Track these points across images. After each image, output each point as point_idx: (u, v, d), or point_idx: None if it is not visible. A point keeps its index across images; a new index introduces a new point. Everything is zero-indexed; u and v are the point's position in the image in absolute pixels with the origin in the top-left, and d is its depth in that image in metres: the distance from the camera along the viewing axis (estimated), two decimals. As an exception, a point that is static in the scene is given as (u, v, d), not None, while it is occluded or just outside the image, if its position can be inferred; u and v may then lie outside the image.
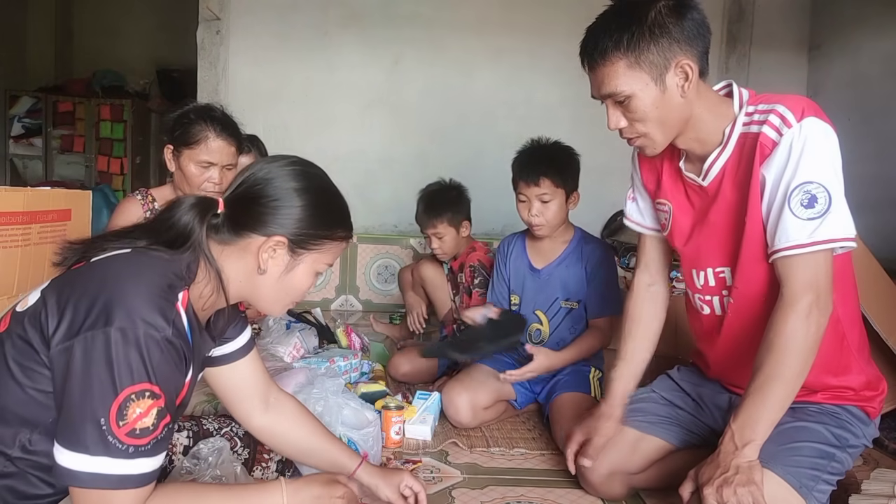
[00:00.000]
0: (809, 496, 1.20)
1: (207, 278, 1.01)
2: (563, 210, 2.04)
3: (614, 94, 1.26)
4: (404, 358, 2.40)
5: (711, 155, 1.31)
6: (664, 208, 1.48)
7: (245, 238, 1.02)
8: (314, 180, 1.07)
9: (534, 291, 2.14)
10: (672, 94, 1.24)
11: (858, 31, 3.45)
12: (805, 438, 1.26)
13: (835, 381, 1.34)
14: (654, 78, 1.22)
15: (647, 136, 1.29)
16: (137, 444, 0.87)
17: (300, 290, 1.09)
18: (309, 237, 1.04)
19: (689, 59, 1.22)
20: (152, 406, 0.88)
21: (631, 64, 1.22)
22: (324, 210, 1.07)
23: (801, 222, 1.17)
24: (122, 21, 6.05)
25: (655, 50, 1.21)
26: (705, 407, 1.54)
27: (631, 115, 1.27)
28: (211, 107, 1.87)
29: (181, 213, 1.00)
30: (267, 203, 1.01)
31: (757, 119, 1.25)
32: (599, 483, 1.53)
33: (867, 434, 1.36)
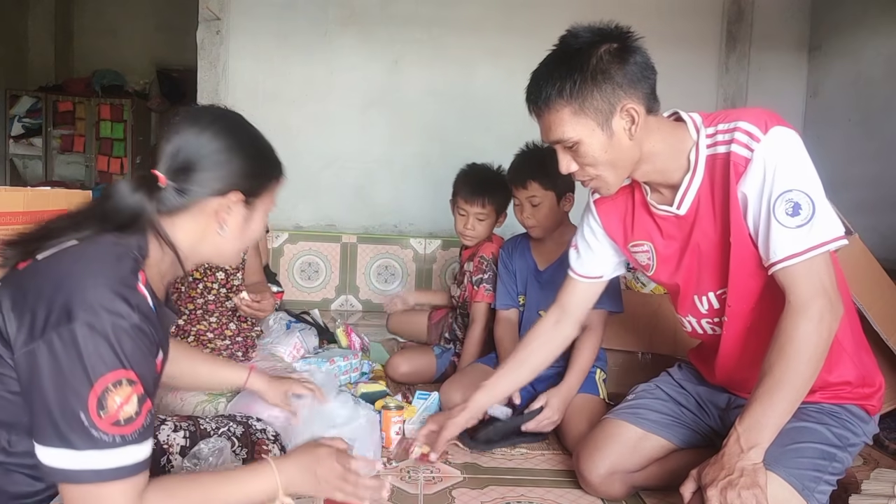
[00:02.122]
0: (811, 498, 1.20)
1: (161, 253, 1.01)
2: (555, 211, 2.05)
3: (562, 141, 1.26)
4: (403, 358, 2.40)
5: (683, 182, 1.31)
6: (643, 249, 1.47)
7: (198, 203, 1.01)
8: (244, 131, 1.10)
9: (538, 293, 2.14)
10: (619, 138, 1.24)
11: (858, 32, 3.45)
12: (807, 439, 1.26)
13: (830, 377, 1.34)
14: (599, 124, 1.23)
15: (598, 178, 1.30)
16: (124, 433, 0.86)
17: (258, 234, 1.13)
18: (258, 186, 1.07)
19: (633, 103, 1.23)
20: (132, 393, 0.87)
21: (576, 111, 1.23)
22: (263, 157, 1.11)
23: (791, 231, 1.18)
24: (122, 21, 6.06)
25: (599, 96, 1.21)
26: (705, 406, 1.54)
27: (581, 159, 1.28)
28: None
29: (124, 196, 0.98)
30: (214, 167, 1.01)
31: (721, 139, 1.25)
32: (599, 483, 1.53)
33: (867, 432, 1.36)
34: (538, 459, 1.80)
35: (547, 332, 1.64)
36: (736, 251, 1.28)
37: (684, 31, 3.71)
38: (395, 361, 2.38)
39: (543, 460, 1.80)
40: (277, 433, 1.47)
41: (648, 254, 1.45)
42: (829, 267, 1.20)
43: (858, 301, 1.79)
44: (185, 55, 4.88)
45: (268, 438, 1.43)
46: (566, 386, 1.89)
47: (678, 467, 1.53)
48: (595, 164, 1.27)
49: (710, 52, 3.78)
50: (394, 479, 1.64)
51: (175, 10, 5.66)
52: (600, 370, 2.08)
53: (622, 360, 2.33)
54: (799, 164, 1.19)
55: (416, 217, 3.66)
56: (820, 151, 3.64)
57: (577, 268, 1.61)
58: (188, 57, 4.15)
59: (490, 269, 2.33)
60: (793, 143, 1.19)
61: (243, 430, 1.40)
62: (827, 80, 3.69)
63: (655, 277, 1.49)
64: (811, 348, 1.17)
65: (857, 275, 1.83)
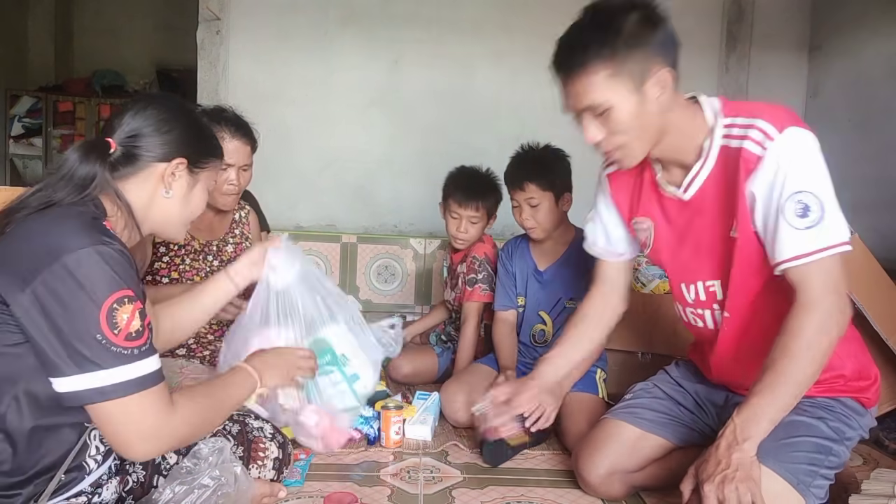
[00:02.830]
0: (807, 492, 1.20)
1: (117, 213, 1.08)
2: (553, 212, 2.05)
3: (593, 107, 1.24)
4: (404, 359, 2.40)
5: (693, 168, 1.31)
6: (643, 226, 1.47)
7: (147, 168, 1.12)
8: (184, 107, 1.20)
9: (538, 293, 2.15)
10: (650, 104, 1.23)
11: (859, 33, 3.45)
12: (802, 433, 1.26)
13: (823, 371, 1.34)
14: (632, 89, 1.21)
15: (625, 147, 1.28)
16: (139, 345, 0.96)
17: (199, 207, 1.23)
18: (200, 155, 1.18)
19: (665, 69, 1.22)
20: (134, 309, 0.96)
21: (611, 75, 1.20)
22: (203, 131, 1.22)
23: (800, 232, 1.18)
24: (122, 21, 6.05)
25: (633, 60, 1.20)
26: (703, 404, 1.54)
27: (610, 126, 1.25)
28: (223, 108, 1.87)
29: (75, 164, 1.05)
30: (158, 132, 1.12)
31: (737, 133, 1.24)
32: (599, 483, 1.52)
33: (863, 425, 1.36)
34: (538, 459, 1.80)
35: (598, 306, 1.62)
36: (741, 247, 1.28)
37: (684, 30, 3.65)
38: (397, 362, 2.38)
39: (543, 460, 1.80)
40: (275, 431, 1.47)
41: (648, 232, 1.46)
42: (840, 269, 1.19)
43: (858, 300, 1.79)
44: (185, 55, 4.88)
45: (265, 437, 1.43)
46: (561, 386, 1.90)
47: (677, 466, 1.53)
48: (624, 132, 1.25)
49: (710, 52, 3.77)
50: (394, 479, 1.64)
51: (175, 10, 5.66)
52: (601, 370, 2.08)
53: (622, 360, 2.33)
54: (811, 165, 1.19)
55: (416, 217, 3.66)
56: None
57: (596, 245, 1.60)
58: (188, 57, 4.15)
59: (483, 269, 2.34)
60: (807, 144, 1.19)
61: (239, 429, 1.40)
62: (827, 81, 3.69)
63: (651, 255, 1.49)
64: (816, 346, 1.17)
65: (856, 275, 1.83)
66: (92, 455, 1.06)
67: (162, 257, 1.81)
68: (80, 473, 1.05)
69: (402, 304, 3.59)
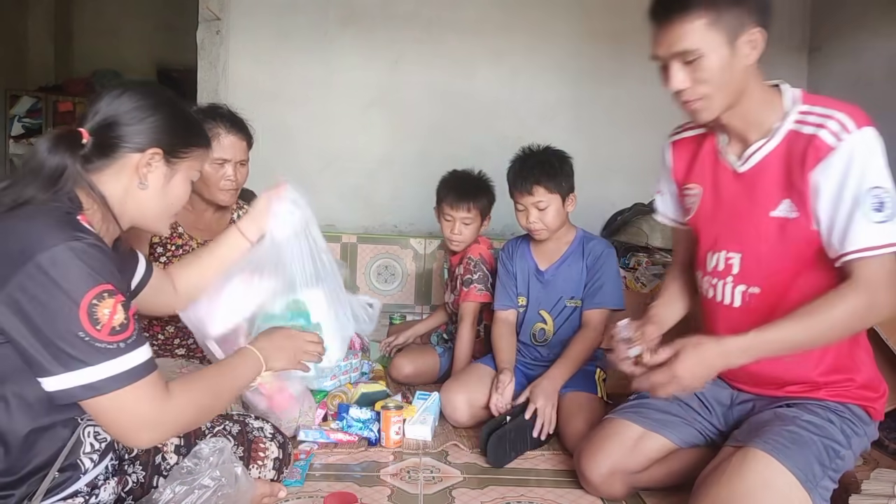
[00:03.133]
0: (814, 490, 1.21)
1: (93, 206, 1.05)
2: (560, 213, 2.05)
3: (686, 52, 1.26)
4: (406, 359, 2.40)
5: (755, 143, 1.35)
6: (693, 192, 1.51)
7: (120, 159, 1.07)
8: (164, 94, 1.15)
9: (539, 292, 2.15)
10: (739, 60, 1.26)
11: (859, 34, 3.45)
12: (813, 433, 1.28)
13: (840, 375, 1.36)
14: (726, 41, 1.25)
15: (706, 98, 1.30)
16: (124, 338, 0.95)
17: (180, 199, 1.18)
18: (179, 145, 1.13)
19: (759, 28, 1.26)
20: (116, 302, 0.95)
21: (710, 23, 1.24)
22: (183, 119, 1.16)
23: (874, 226, 1.20)
24: (122, 21, 6.05)
25: (733, 14, 1.24)
26: (709, 403, 1.54)
27: (697, 74, 1.27)
28: (218, 105, 1.89)
29: (45, 157, 1.01)
30: (133, 121, 1.07)
31: (813, 121, 1.28)
32: (600, 482, 1.52)
33: (868, 433, 1.38)
34: (538, 459, 1.80)
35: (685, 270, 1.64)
36: (779, 229, 1.31)
37: (684, 31, 3.70)
38: (399, 363, 2.38)
39: (543, 460, 1.80)
40: (275, 431, 1.47)
41: (696, 198, 1.49)
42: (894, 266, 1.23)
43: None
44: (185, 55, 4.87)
45: (265, 437, 1.43)
46: (548, 377, 1.93)
47: (679, 468, 1.53)
48: (709, 81, 1.27)
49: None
50: (394, 479, 1.64)
51: (175, 10, 5.65)
52: (600, 370, 2.08)
53: (622, 361, 2.32)
54: (883, 165, 1.23)
55: (416, 217, 3.66)
56: (820, 152, 3.64)
57: (667, 215, 1.64)
58: (188, 57, 4.15)
59: (479, 269, 2.34)
60: (880, 145, 1.24)
61: (240, 429, 1.40)
62: (827, 82, 3.69)
63: (692, 222, 1.52)
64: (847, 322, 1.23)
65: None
66: (87, 453, 1.05)
67: (159, 257, 1.81)
68: (76, 472, 1.04)
69: (402, 304, 3.59)
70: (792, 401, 1.39)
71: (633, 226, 3.07)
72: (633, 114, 3.62)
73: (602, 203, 3.51)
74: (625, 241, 3.05)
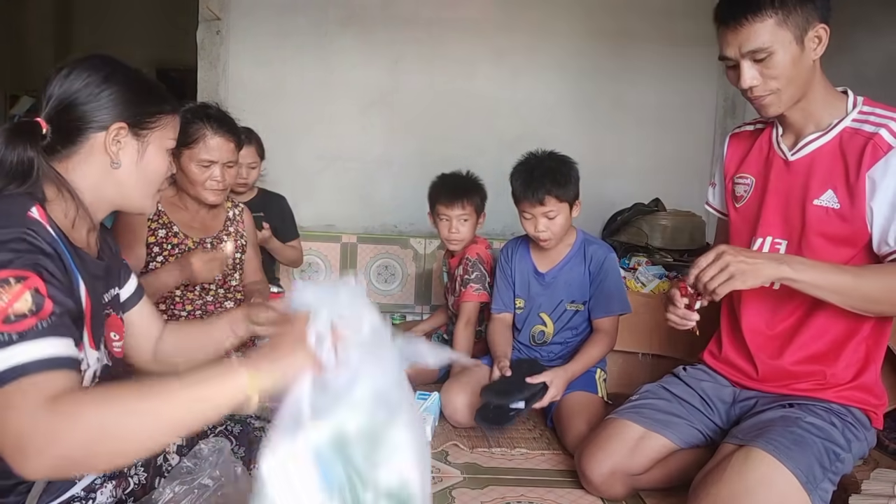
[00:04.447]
0: (814, 492, 1.21)
1: (61, 197, 0.98)
2: (568, 220, 2.05)
3: (758, 50, 1.32)
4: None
5: (811, 135, 1.40)
6: (745, 181, 1.55)
7: (85, 141, 1.00)
8: (115, 63, 1.06)
9: (539, 295, 2.15)
10: (807, 56, 1.34)
11: (857, 32, 3.44)
12: (815, 435, 1.29)
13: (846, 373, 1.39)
14: (795, 37, 1.32)
15: (777, 92, 1.36)
16: (20, 329, 0.80)
17: (159, 172, 1.09)
18: (143, 115, 1.04)
19: (824, 25, 1.32)
20: (23, 289, 0.82)
21: (779, 21, 1.30)
22: (141, 86, 1.06)
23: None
24: (122, 21, 6.05)
25: (800, 12, 1.31)
26: (711, 402, 1.55)
27: (768, 71, 1.34)
28: (207, 105, 1.86)
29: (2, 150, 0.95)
30: (89, 99, 1.00)
31: (873, 121, 1.33)
32: (601, 482, 1.53)
33: (868, 439, 1.39)
34: (538, 459, 1.80)
35: None
36: (831, 220, 1.35)
37: (684, 31, 3.70)
38: None
39: (543, 460, 1.80)
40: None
41: (748, 186, 1.54)
42: None
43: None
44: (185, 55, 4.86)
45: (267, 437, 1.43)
46: (570, 368, 1.94)
47: (679, 469, 1.54)
48: (780, 77, 1.34)
49: (710, 52, 3.76)
50: (394, 479, 1.64)
51: (175, 10, 5.65)
52: (601, 370, 2.08)
53: (622, 361, 2.34)
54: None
55: (416, 217, 3.65)
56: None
57: (714, 203, 1.70)
58: (188, 57, 4.15)
59: (476, 269, 2.34)
60: None
61: (241, 429, 1.40)
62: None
63: (742, 209, 1.55)
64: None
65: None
66: None
67: (156, 257, 1.81)
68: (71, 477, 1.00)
69: (402, 305, 3.60)
70: (796, 400, 1.39)
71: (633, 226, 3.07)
72: (633, 114, 3.62)
73: (602, 203, 3.51)
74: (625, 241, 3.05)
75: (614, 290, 2.06)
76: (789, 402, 1.39)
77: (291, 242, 2.85)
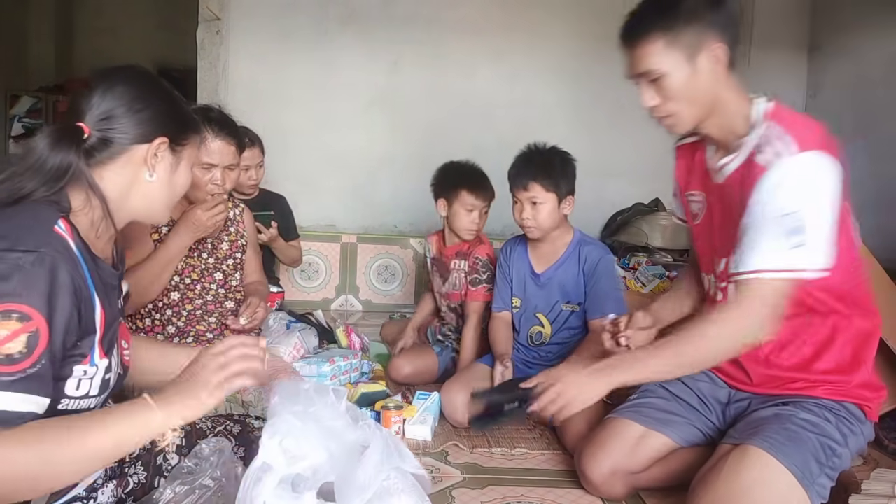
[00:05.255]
0: (811, 488, 1.22)
1: (89, 206, 0.99)
2: (554, 213, 2.05)
3: (649, 73, 1.32)
4: (405, 360, 2.40)
5: (727, 157, 1.38)
6: (697, 198, 1.54)
7: (125, 151, 1.02)
8: (156, 81, 1.11)
9: (534, 296, 2.16)
10: (702, 76, 1.31)
11: (858, 32, 3.45)
12: (810, 431, 1.29)
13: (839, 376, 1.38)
14: (686, 58, 1.30)
15: (675, 115, 1.36)
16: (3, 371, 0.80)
17: (184, 187, 1.14)
18: (181, 132, 1.09)
19: (720, 44, 1.30)
20: (20, 330, 0.81)
21: (667, 44, 1.29)
22: (179, 106, 1.12)
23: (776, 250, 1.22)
24: (122, 21, 6.05)
25: (691, 32, 1.29)
26: (707, 401, 1.55)
27: (663, 93, 1.33)
28: (208, 108, 1.86)
29: (45, 153, 0.95)
30: (134, 111, 1.02)
31: (764, 141, 1.29)
32: (601, 482, 1.53)
33: (864, 432, 1.38)
34: (538, 459, 1.80)
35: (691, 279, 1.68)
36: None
37: (684, 31, 3.71)
38: (398, 364, 2.38)
39: (543, 460, 1.80)
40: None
41: (700, 204, 1.53)
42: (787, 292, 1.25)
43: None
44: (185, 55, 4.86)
45: (267, 438, 1.43)
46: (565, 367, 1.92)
47: (680, 468, 1.54)
48: (676, 99, 1.33)
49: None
50: (394, 479, 1.64)
51: (175, 10, 5.65)
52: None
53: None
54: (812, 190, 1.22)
55: (416, 217, 3.66)
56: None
57: (678, 213, 1.70)
58: (188, 57, 4.15)
59: (487, 270, 2.36)
60: (819, 170, 1.22)
61: (241, 429, 1.40)
62: (827, 81, 3.69)
63: (699, 228, 1.54)
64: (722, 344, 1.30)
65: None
66: None
67: None
68: None
69: (402, 304, 3.60)
70: (789, 399, 1.39)
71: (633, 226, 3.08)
72: (633, 114, 3.59)
73: (602, 203, 3.51)
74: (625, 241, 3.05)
75: (609, 291, 2.06)
76: (783, 401, 1.39)
77: (292, 242, 2.86)
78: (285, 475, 1.03)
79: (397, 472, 1.12)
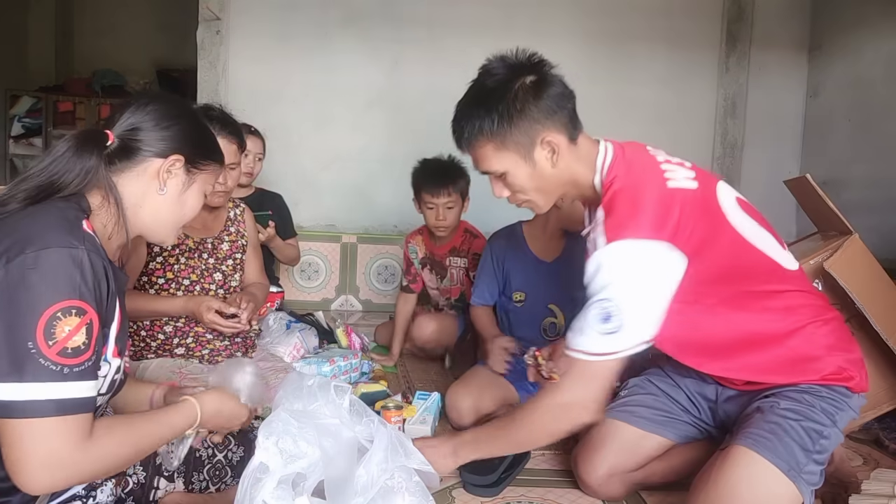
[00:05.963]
0: (798, 478, 1.21)
1: (106, 209, 1.04)
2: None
3: (490, 172, 1.35)
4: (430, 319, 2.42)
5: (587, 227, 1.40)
6: None
7: (142, 162, 1.07)
8: (189, 108, 1.19)
9: (546, 284, 2.08)
10: (543, 167, 1.32)
11: (859, 32, 3.45)
12: (792, 419, 1.27)
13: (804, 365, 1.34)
14: (522, 156, 1.31)
15: (529, 202, 1.40)
16: (71, 363, 0.87)
17: (193, 209, 1.18)
18: (199, 156, 1.15)
19: (552, 135, 1.29)
20: (81, 324, 0.88)
21: (498, 146, 1.31)
22: (204, 133, 1.20)
23: (596, 336, 1.25)
24: (122, 21, 6.05)
25: (518, 132, 1.29)
26: (695, 399, 1.54)
27: (511, 187, 1.36)
28: (210, 107, 1.87)
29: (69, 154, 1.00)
30: (158, 128, 1.08)
31: (594, 225, 1.31)
32: (598, 485, 1.52)
33: (853, 405, 1.34)
34: (538, 459, 1.80)
35: None
36: None
37: (685, 30, 3.70)
38: (422, 322, 2.39)
39: (543, 460, 1.80)
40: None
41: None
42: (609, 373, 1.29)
43: (858, 300, 1.79)
44: (185, 55, 4.88)
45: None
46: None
47: (678, 464, 1.54)
48: (524, 190, 1.36)
49: (710, 52, 3.77)
50: (394, 479, 1.63)
51: (175, 10, 5.66)
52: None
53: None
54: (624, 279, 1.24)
55: (416, 217, 3.65)
56: (820, 151, 3.65)
57: None
58: (188, 57, 4.16)
59: None
60: (628, 257, 1.24)
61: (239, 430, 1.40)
62: (827, 81, 3.69)
63: None
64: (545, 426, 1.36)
65: (856, 274, 1.83)
66: None
67: (156, 257, 1.80)
68: None
69: (402, 304, 3.59)
70: (770, 391, 1.36)
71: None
72: (632, 114, 3.62)
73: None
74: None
75: None
76: (765, 395, 1.37)
77: (290, 240, 2.86)
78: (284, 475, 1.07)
79: (401, 470, 1.19)
